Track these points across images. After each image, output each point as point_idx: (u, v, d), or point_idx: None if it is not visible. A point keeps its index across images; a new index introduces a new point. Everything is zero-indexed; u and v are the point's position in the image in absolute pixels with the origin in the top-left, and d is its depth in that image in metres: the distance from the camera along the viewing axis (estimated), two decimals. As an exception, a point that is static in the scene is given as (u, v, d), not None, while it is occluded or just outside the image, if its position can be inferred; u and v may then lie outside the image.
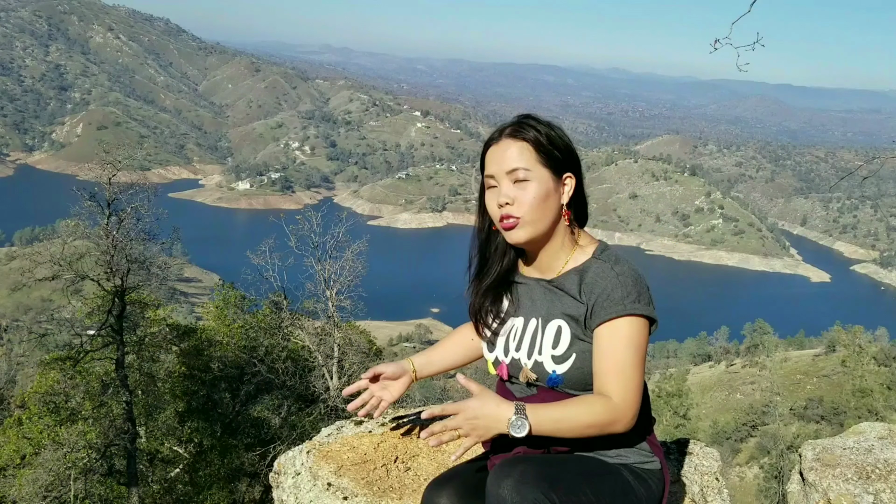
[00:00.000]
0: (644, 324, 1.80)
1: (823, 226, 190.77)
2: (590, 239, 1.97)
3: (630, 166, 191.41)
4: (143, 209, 12.08)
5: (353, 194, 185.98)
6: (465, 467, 2.01)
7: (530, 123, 1.90)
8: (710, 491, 2.50)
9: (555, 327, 1.88)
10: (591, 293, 1.83)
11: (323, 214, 14.59)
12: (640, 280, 1.82)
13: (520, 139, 1.88)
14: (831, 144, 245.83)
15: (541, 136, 1.88)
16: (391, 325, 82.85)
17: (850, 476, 2.49)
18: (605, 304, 1.80)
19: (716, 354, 69.08)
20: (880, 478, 2.47)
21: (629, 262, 1.86)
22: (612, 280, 1.81)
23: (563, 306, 1.89)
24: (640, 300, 1.79)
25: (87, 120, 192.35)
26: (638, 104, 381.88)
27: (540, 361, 1.88)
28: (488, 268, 2.05)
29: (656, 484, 1.90)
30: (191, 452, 12.70)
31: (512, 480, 1.64)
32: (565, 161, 1.90)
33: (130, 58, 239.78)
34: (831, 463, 2.57)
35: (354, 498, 2.30)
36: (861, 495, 2.42)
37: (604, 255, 1.89)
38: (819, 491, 2.50)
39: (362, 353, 14.33)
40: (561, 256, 1.93)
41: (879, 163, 5.78)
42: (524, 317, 1.97)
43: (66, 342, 12.44)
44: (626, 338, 1.78)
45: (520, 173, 1.85)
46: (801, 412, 49.45)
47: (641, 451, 1.91)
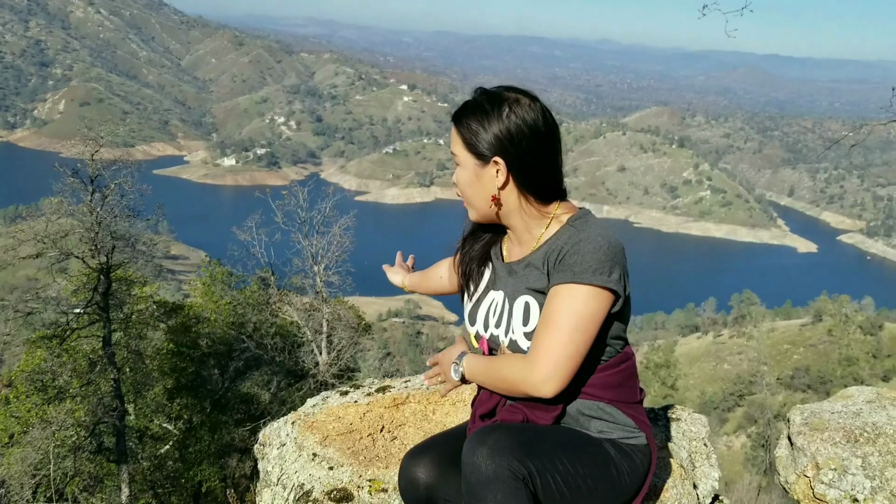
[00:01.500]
0: (594, 293, 1.70)
1: (811, 196, 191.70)
2: (569, 208, 1.90)
3: (618, 139, 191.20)
4: (126, 185, 11.94)
5: (340, 170, 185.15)
6: (443, 437, 2.01)
7: (467, 106, 1.86)
8: (698, 456, 2.50)
9: (522, 304, 1.84)
10: (551, 261, 1.78)
11: (309, 190, 14.51)
12: (606, 249, 1.72)
13: (455, 124, 1.86)
14: (819, 114, 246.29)
15: (465, 118, 1.84)
16: (380, 301, 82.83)
17: (839, 440, 2.49)
18: (559, 270, 1.74)
19: (703, 325, 69.70)
20: (868, 441, 2.46)
21: (603, 230, 1.78)
22: (573, 247, 1.74)
23: (529, 281, 1.84)
24: (598, 271, 1.70)
25: (69, 96, 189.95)
26: (626, 76, 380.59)
27: (514, 339, 1.84)
28: (472, 243, 2.05)
29: (641, 459, 1.87)
30: (180, 429, 12.69)
31: (487, 448, 1.62)
32: (494, 148, 1.80)
33: (112, 32, 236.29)
34: (819, 427, 2.56)
35: (340, 468, 2.28)
36: (849, 459, 2.42)
37: (577, 222, 1.82)
38: (807, 455, 2.49)
39: (351, 329, 14.33)
40: (534, 231, 1.88)
41: (866, 131, 5.78)
42: (503, 290, 1.93)
43: (53, 320, 12.33)
44: (566, 303, 1.70)
45: (455, 158, 1.88)
46: (788, 381, 50.09)
47: (626, 427, 1.87)
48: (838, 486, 2.37)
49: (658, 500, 2.20)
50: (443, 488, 1.83)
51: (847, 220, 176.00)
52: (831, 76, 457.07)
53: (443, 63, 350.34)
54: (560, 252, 1.76)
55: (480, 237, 2.03)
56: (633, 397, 1.91)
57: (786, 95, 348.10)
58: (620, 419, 1.87)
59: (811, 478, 2.45)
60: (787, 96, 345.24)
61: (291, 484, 2.28)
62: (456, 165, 1.88)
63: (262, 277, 14.79)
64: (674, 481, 2.27)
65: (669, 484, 2.25)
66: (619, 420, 1.86)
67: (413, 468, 1.87)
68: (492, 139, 1.79)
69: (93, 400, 11.03)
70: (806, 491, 2.46)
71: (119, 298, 11.91)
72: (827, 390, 39.73)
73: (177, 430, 12.71)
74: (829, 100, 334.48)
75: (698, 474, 2.43)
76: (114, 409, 11.18)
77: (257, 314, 13.97)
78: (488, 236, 2.02)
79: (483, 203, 1.86)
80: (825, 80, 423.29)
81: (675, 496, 2.22)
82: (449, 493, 1.82)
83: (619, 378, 1.87)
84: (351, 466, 2.28)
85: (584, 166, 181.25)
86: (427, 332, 65.74)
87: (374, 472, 2.26)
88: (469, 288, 2.02)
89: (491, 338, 1.92)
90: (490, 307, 1.94)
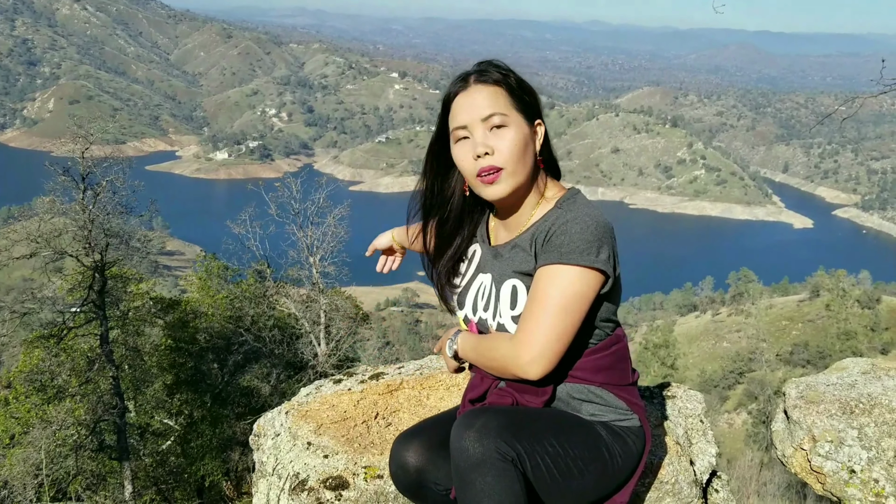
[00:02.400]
0: (582, 274, 1.68)
1: (805, 172, 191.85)
2: (558, 188, 1.88)
3: (611, 120, 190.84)
4: (118, 182, 11.90)
5: (333, 160, 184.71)
6: (433, 421, 2.00)
7: (496, 66, 1.80)
8: (694, 433, 2.50)
9: (510, 287, 1.82)
10: (538, 242, 1.76)
11: (303, 181, 14.44)
12: (594, 229, 1.69)
13: (490, 84, 1.77)
14: (811, 90, 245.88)
15: (510, 78, 1.79)
16: (377, 290, 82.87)
17: (834, 412, 2.49)
18: (546, 251, 1.71)
19: (701, 304, 69.88)
20: (864, 412, 2.47)
21: (590, 209, 1.75)
22: (560, 227, 1.71)
23: (515, 264, 1.82)
24: (586, 251, 1.67)
25: (58, 94, 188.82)
26: (618, 57, 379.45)
27: (502, 323, 1.82)
28: (450, 237, 1.98)
29: (634, 441, 1.85)
30: (181, 424, 12.70)
31: (474, 431, 1.60)
32: (535, 106, 1.81)
33: (99, 29, 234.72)
34: (815, 400, 2.56)
35: (335, 455, 2.27)
36: (845, 430, 2.42)
37: (566, 203, 1.79)
38: (804, 428, 2.49)
39: (349, 319, 14.33)
40: (527, 212, 1.85)
41: (858, 104, 5.76)
42: (491, 273, 1.90)
43: (49, 320, 12.31)
44: (553, 284, 1.68)
45: (495, 119, 1.74)
46: (788, 357, 50.25)
47: (618, 410, 1.85)
48: (835, 458, 2.37)
49: (655, 477, 2.20)
50: (433, 472, 1.82)
51: (842, 194, 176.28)
52: (822, 50, 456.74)
53: (433, 50, 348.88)
54: (547, 233, 1.73)
55: (465, 215, 1.99)
56: (624, 379, 1.89)
57: (778, 71, 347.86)
58: (612, 402, 1.85)
59: (808, 450, 2.45)
60: (778, 72, 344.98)
61: (287, 473, 2.28)
62: (492, 128, 1.75)
63: (258, 270, 14.76)
64: (670, 458, 2.27)
65: (666, 461, 2.25)
66: (610, 403, 1.85)
67: (403, 452, 1.86)
68: (535, 100, 1.82)
69: (92, 398, 11.03)
70: (803, 464, 2.47)
71: (115, 296, 11.90)
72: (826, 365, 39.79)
73: (178, 425, 12.72)
74: (821, 74, 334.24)
75: (695, 451, 2.42)
76: (114, 406, 11.19)
77: (254, 307, 13.96)
78: (471, 217, 1.99)
79: (529, 168, 1.80)
80: (816, 55, 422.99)
81: (671, 473, 2.22)
82: (439, 476, 1.81)
83: (609, 360, 1.85)
84: (346, 454, 2.28)
85: (577, 149, 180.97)
86: (426, 321, 65.79)
87: (370, 458, 2.26)
88: (456, 290, 2.00)
89: (479, 321, 1.90)
90: (479, 290, 1.92)
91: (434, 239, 2.00)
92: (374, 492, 2.17)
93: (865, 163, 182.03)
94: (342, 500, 2.15)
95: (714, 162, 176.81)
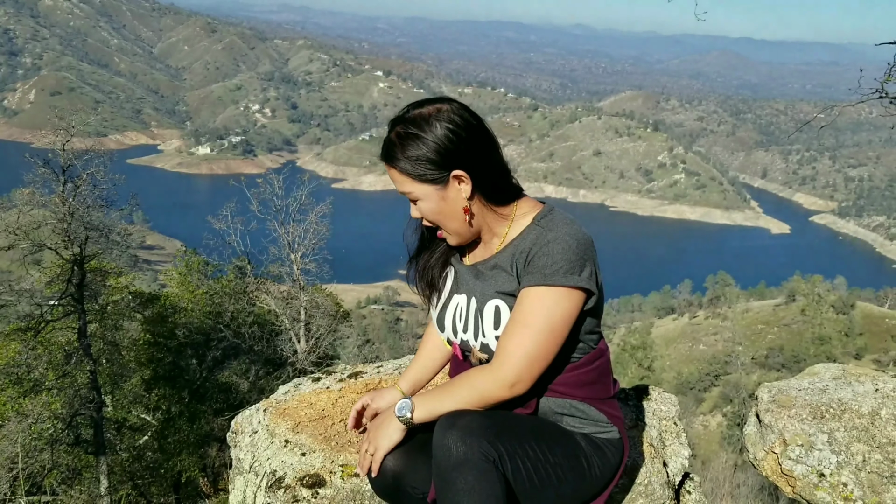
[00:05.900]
0: (566, 294, 1.69)
1: (783, 178, 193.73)
2: (532, 205, 1.86)
3: (594, 123, 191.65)
4: (99, 175, 11.79)
5: (316, 157, 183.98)
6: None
7: (393, 142, 1.75)
8: (668, 435, 2.53)
9: (492, 307, 1.82)
10: (520, 263, 1.77)
11: (285, 178, 14.39)
12: (576, 248, 1.70)
13: (390, 165, 1.77)
14: (791, 97, 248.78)
15: (405, 154, 1.73)
16: (359, 288, 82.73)
17: (805, 416, 2.53)
18: (528, 272, 1.72)
19: (679, 307, 70.41)
20: (834, 417, 2.51)
21: (571, 226, 1.75)
22: (542, 248, 1.72)
23: (498, 284, 1.82)
24: (569, 271, 1.69)
25: (39, 86, 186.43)
26: (601, 60, 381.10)
27: (486, 343, 1.83)
28: (429, 253, 1.99)
29: (613, 453, 1.87)
30: (159, 419, 12.61)
31: (457, 430, 1.60)
32: (446, 163, 1.73)
33: (82, 20, 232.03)
34: (787, 404, 2.60)
35: (312, 454, 2.28)
36: (816, 434, 2.46)
37: (543, 220, 1.79)
38: (775, 432, 2.53)
39: (329, 316, 14.30)
40: (497, 233, 1.85)
41: (836, 112, 5.84)
42: (467, 294, 1.90)
43: (27, 313, 12.17)
44: (536, 306, 1.69)
45: (410, 196, 1.78)
46: (763, 361, 50.76)
47: (598, 423, 1.86)
48: (805, 462, 2.41)
49: (628, 479, 2.23)
50: (410, 476, 1.81)
51: (819, 200, 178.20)
52: (803, 59, 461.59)
53: (418, 49, 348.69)
54: (529, 253, 1.74)
55: (436, 246, 1.98)
56: (605, 393, 1.90)
57: (758, 78, 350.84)
58: (593, 415, 1.86)
59: (779, 454, 2.49)
60: (759, 79, 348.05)
61: (264, 471, 2.28)
62: (412, 203, 1.80)
63: (239, 266, 14.70)
64: (644, 460, 2.30)
65: (639, 463, 2.28)
66: (591, 416, 1.86)
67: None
68: (437, 157, 1.71)
69: (69, 392, 10.93)
70: (774, 467, 2.50)
71: (94, 289, 11.79)
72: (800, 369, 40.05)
73: (155, 420, 12.64)
74: (801, 82, 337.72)
75: (668, 453, 2.45)
76: (91, 400, 11.09)
77: (234, 303, 13.89)
78: (443, 243, 1.96)
79: (460, 223, 1.80)
80: (797, 63, 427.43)
81: (644, 474, 2.25)
82: (416, 480, 1.80)
83: (592, 376, 1.87)
84: (323, 452, 2.28)
85: (559, 151, 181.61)
86: (406, 319, 65.69)
87: (347, 457, 2.27)
88: (433, 297, 1.99)
89: (461, 343, 1.91)
90: (456, 312, 1.92)
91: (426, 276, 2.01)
92: (350, 490, 2.18)
93: (843, 170, 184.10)
94: (318, 497, 2.16)
95: (694, 166, 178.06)
